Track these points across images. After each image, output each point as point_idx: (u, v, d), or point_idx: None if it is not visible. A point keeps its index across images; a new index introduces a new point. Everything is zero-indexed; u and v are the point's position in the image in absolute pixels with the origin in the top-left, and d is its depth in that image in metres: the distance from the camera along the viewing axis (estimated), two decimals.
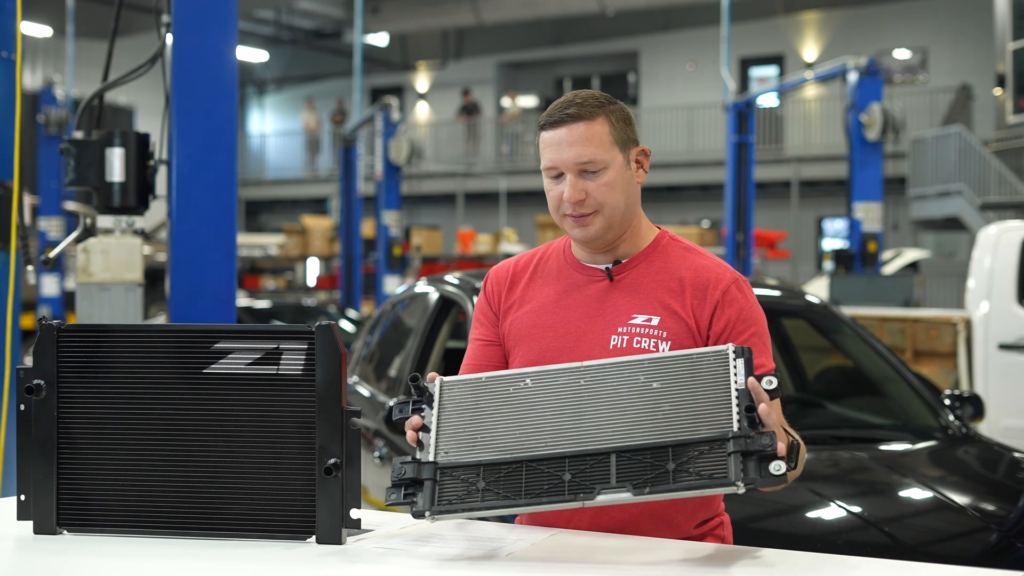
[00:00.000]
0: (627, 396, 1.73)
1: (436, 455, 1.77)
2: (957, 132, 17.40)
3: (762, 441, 1.63)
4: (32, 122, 14.57)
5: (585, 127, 2.03)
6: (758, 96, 15.72)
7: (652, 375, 1.74)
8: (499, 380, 1.80)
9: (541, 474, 1.71)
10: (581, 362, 1.80)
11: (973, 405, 4.17)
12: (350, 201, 14.91)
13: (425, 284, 4.70)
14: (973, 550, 3.10)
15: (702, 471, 1.64)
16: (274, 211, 28.57)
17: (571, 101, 2.06)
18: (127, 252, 4.15)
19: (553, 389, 1.77)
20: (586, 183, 2.04)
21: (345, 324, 11.47)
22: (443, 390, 1.81)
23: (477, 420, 1.78)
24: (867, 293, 9.71)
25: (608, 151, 2.04)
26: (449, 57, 27.61)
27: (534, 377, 1.78)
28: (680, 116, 23.25)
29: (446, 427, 1.78)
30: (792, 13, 23.71)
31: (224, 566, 1.77)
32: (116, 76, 4.32)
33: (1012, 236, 6.91)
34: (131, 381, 1.96)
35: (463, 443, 1.77)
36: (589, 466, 1.69)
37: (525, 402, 1.77)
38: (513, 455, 1.73)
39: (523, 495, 1.70)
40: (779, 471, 1.62)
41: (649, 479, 1.66)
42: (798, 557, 1.82)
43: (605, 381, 1.75)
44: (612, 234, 2.08)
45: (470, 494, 1.72)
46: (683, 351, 1.75)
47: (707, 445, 1.65)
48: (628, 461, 1.68)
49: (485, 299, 2.21)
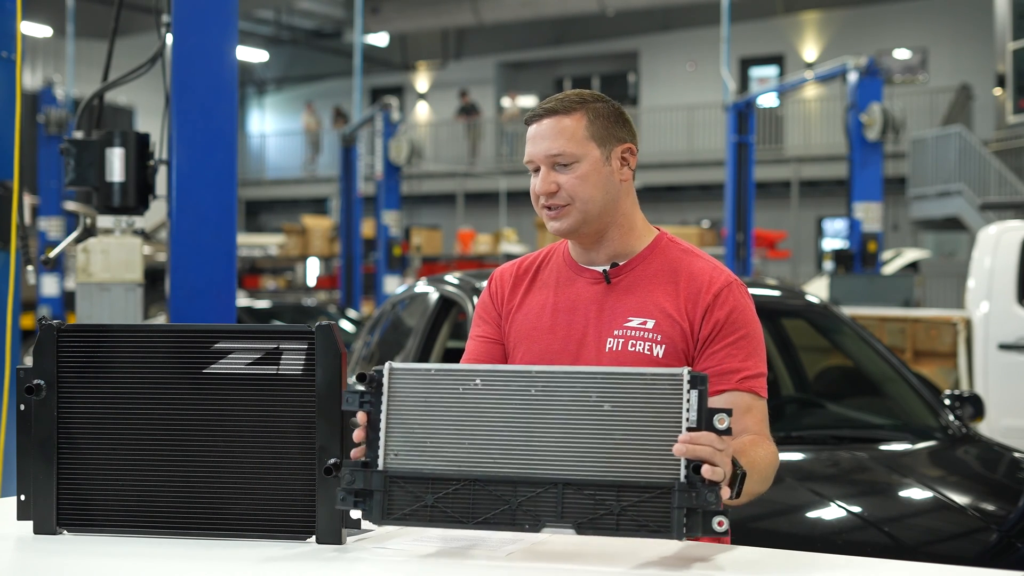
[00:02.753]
0: (578, 417, 1.72)
1: (386, 456, 1.77)
2: (957, 132, 17.41)
3: (707, 498, 1.64)
4: (32, 122, 14.58)
5: (558, 121, 2.06)
6: (758, 96, 15.73)
7: (604, 393, 1.72)
8: (449, 375, 1.78)
9: (490, 496, 1.72)
10: (531, 366, 1.78)
11: (973, 405, 4.17)
12: (350, 201, 14.91)
13: (425, 284, 4.70)
14: (973, 550, 3.10)
15: (647, 520, 1.66)
16: (274, 211, 28.57)
17: (555, 97, 2.11)
18: (127, 252, 4.15)
19: (503, 394, 1.75)
20: (558, 176, 2.06)
21: (345, 324, 11.48)
22: (392, 377, 1.79)
23: (426, 420, 1.77)
24: (867, 293, 9.71)
25: (581, 145, 2.05)
26: (449, 57, 27.62)
27: (484, 377, 1.77)
28: (680, 116, 23.25)
29: (395, 423, 1.77)
30: (792, 13, 23.72)
31: (224, 566, 1.77)
32: (116, 76, 4.32)
33: (1012, 236, 6.91)
34: (131, 381, 1.95)
35: (412, 446, 1.76)
36: (537, 494, 1.71)
37: (475, 406, 1.76)
38: (462, 470, 1.74)
39: (471, 517, 1.73)
40: (721, 528, 1.64)
41: (594, 519, 1.69)
42: (797, 557, 1.82)
43: (556, 392, 1.74)
44: (589, 228, 2.08)
45: (419, 509, 1.74)
46: (637, 368, 1.73)
47: (653, 491, 1.67)
48: (576, 494, 1.70)
49: (489, 298, 2.22)
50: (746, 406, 2.02)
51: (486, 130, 25.87)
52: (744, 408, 2.02)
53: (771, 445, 2.01)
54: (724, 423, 1.67)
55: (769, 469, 1.96)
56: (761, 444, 1.98)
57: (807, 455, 3.70)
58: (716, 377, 2.02)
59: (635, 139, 2.14)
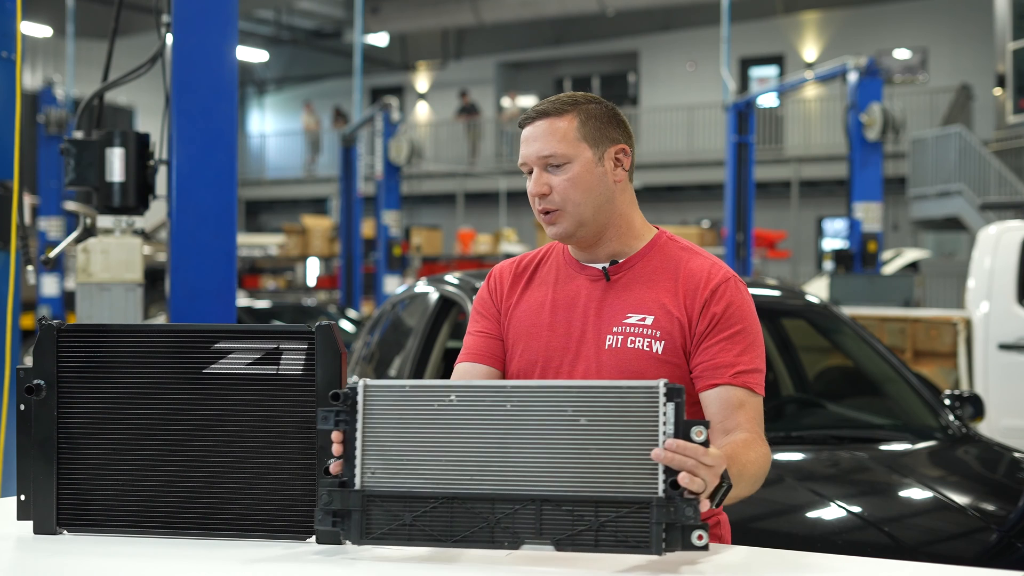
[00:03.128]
0: (554, 431, 1.71)
1: (363, 475, 1.76)
2: (957, 132, 17.41)
3: (685, 513, 1.63)
4: (32, 122, 14.58)
5: (550, 123, 2.06)
6: (758, 96, 15.72)
7: (579, 407, 1.71)
8: (424, 391, 1.77)
9: (468, 513, 1.72)
10: (506, 381, 1.78)
11: (973, 405, 4.17)
12: (350, 201, 14.91)
13: (425, 284, 4.70)
14: (973, 550, 3.10)
15: (626, 536, 1.66)
16: (274, 211, 28.58)
17: (547, 99, 2.11)
18: (127, 252, 4.15)
19: (478, 410, 1.74)
20: (550, 177, 2.06)
21: (345, 324, 11.47)
22: (366, 395, 1.78)
23: (402, 437, 1.76)
24: (867, 293, 9.71)
25: (572, 146, 2.05)
26: (449, 57, 27.62)
27: (460, 393, 1.75)
28: (680, 116, 23.25)
29: (371, 441, 1.77)
30: (792, 13, 23.72)
31: (224, 566, 1.76)
32: (116, 76, 4.32)
33: (1012, 236, 6.91)
34: (131, 381, 1.96)
35: (389, 463, 1.76)
36: (515, 511, 1.70)
37: (450, 422, 1.75)
38: (440, 488, 1.73)
39: (449, 535, 1.72)
40: (700, 542, 1.63)
41: (572, 535, 1.68)
42: (796, 557, 1.82)
43: (532, 407, 1.73)
44: (586, 231, 2.08)
45: (397, 528, 1.74)
46: (613, 381, 1.72)
47: (631, 506, 1.66)
48: (554, 510, 1.69)
49: (488, 294, 2.22)
50: (739, 401, 1.99)
51: (486, 130, 25.87)
52: (736, 404, 1.99)
53: (764, 446, 1.98)
54: (701, 435, 1.65)
55: (759, 472, 1.94)
56: (753, 446, 1.95)
57: (807, 455, 3.70)
58: (710, 371, 2.00)
59: (630, 140, 2.13)
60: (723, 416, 1.98)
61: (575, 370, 2.07)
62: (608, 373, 2.04)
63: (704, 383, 2.01)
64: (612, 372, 2.03)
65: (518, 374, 2.13)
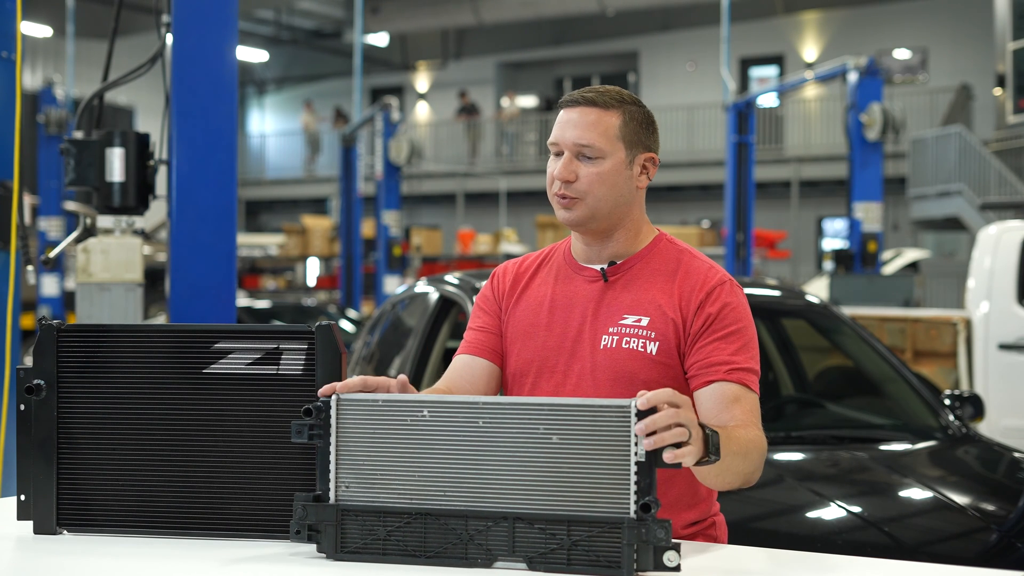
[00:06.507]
0: (526, 449, 1.70)
1: (337, 488, 1.77)
2: (957, 132, 17.41)
3: (656, 534, 1.61)
4: (32, 122, 14.59)
5: (596, 114, 2.06)
6: (758, 96, 15.71)
7: (551, 425, 1.70)
8: (396, 406, 1.77)
9: (442, 529, 1.72)
10: (478, 397, 1.77)
11: (973, 405, 4.17)
12: (350, 201, 14.91)
13: (425, 284, 4.70)
14: (973, 550, 3.10)
15: (598, 556, 1.65)
16: (274, 211, 28.57)
17: (595, 88, 2.09)
18: (127, 252, 4.15)
19: (451, 426, 1.74)
20: (579, 166, 2.06)
21: (345, 324, 11.48)
22: (339, 407, 1.78)
23: (375, 452, 1.76)
24: (867, 293, 9.71)
25: (610, 143, 2.05)
26: (449, 57, 27.62)
27: (432, 408, 1.75)
28: (680, 116, 23.25)
29: (345, 455, 1.77)
30: (792, 13, 23.72)
31: (224, 566, 1.76)
32: (116, 76, 4.32)
33: (1012, 236, 6.91)
34: (131, 381, 1.96)
35: (363, 478, 1.76)
36: (488, 528, 1.70)
37: (423, 437, 1.75)
38: (413, 503, 1.73)
39: (423, 551, 1.72)
40: (672, 563, 1.61)
41: (545, 553, 1.67)
42: (796, 557, 1.82)
43: (504, 424, 1.72)
44: (597, 225, 2.08)
45: (372, 543, 1.74)
46: (585, 400, 1.71)
47: (603, 526, 1.65)
48: (527, 529, 1.68)
49: (491, 291, 2.23)
50: (733, 396, 1.97)
51: (486, 130, 25.87)
52: (732, 398, 1.97)
53: (758, 431, 1.96)
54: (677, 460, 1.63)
55: (751, 448, 1.89)
56: (746, 428, 1.92)
57: (807, 455, 3.70)
58: (704, 369, 2.00)
59: (658, 150, 2.15)
60: (718, 411, 1.96)
61: (571, 370, 2.08)
62: (602, 373, 2.04)
63: (699, 381, 2.00)
64: (606, 372, 2.04)
65: (515, 372, 2.14)
